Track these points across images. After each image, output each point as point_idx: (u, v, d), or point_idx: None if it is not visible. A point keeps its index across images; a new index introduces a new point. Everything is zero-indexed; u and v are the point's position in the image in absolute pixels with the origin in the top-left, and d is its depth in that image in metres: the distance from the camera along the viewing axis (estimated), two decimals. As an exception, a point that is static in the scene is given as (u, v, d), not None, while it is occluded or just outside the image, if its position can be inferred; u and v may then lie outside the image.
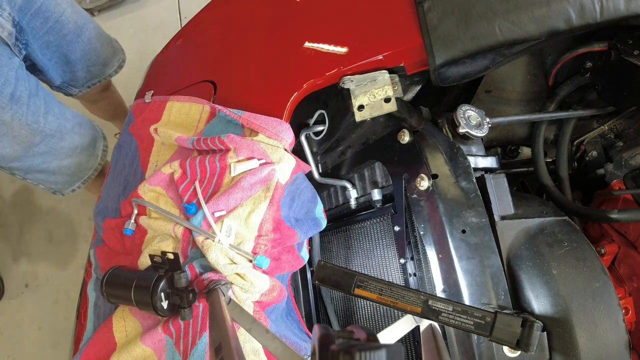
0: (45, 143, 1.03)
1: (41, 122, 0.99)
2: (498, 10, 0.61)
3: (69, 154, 1.12)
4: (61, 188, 1.22)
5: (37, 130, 0.99)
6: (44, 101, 1.01)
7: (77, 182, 1.22)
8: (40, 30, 1.02)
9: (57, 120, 1.04)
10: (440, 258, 0.58)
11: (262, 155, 0.66)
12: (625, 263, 0.74)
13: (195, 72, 0.86)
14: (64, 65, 1.14)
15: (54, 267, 1.87)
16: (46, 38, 1.04)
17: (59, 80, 1.17)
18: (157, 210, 0.69)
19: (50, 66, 1.11)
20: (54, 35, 1.05)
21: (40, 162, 1.07)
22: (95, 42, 1.17)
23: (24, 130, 0.97)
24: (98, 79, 1.26)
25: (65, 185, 1.21)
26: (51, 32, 1.04)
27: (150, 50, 1.91)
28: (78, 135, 1.12)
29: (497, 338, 0.47)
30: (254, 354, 0.59)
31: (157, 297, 0.56)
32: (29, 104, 0.95)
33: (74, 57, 1.13)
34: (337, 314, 0.87)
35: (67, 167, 1.14)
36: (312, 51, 0.71)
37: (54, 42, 1.06)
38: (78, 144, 1.13)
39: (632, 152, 0.74)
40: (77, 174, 1.19)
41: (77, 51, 1.13)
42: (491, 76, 0.82)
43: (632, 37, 0.65)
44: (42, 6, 1.00)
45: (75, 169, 1.17)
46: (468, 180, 0.59)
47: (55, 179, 1.17)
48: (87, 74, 1.21)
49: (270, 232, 0.64)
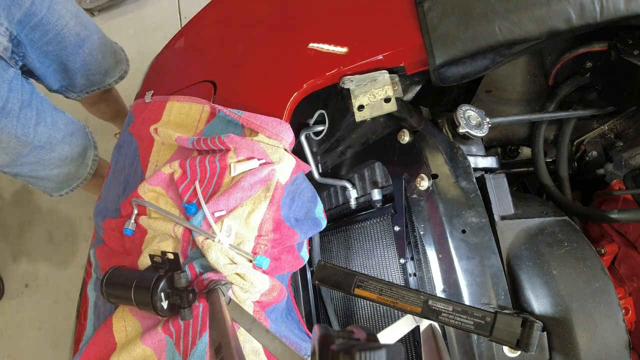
0: (34, 154, 1.03)
1: (31, 134, 0.98)
2: (498, 10, 0.61)
3: (58, 164, 1.11)
4: (50, 192, 1.22)
5: (26, 143, 0.98)
6: (35, 112, 1.00)
7: (65, 189, 1.22)
8: (39, 42, 1.01)
9: (48, 131, 1.03)
10: (440, 258, 0.58)
11: (262, 155, 0.66)
12: (625, 263, 0.74)
13: (195, 72, 0.86)
14: (62, 73, 1.13)
15: (54, 267, 1.87)
16: (45, 48, 1.03)
17: (57, 85, 1.17)
18: (157, 210, 0.69)
19: (48, 73, 1.10)
20: (53, 46, 1.04)
21: (28, 171, 1.07)
22: (97, 54, 1.16)
23: (13, 143, 0.96)
24: (97, 86, 1.25)
25: (53, 190, 1.22)
26: (50, 43, 1.03)
27: (150, 50, 1.91)
28: (68, 146, 1.11)
29: (497, 338, 0.47)
30: (254, 354, 0.59)
31: (157, 297, 0.56)
32: (20, 117, 0.95)
33: (73, 67, 1.12)
34: (337, 314, 0.87)
35: (56, 175, 1.14)
36: (312, 51, 0.71)
37: (52, 52, 1.06)
38: (68, 154, 1.12)
39: (632, 152, 0.74)
40: (66, 182, 1.20)
41: (77, 61, 1.12)
42: (491, 76, 0.82)
43: (632, 37, 0.65)
44: (43, 19, 0.98)
45: (64, 178, 1.17)
46: (468, 180, 0.59)
47: (43, 184, 1.17)
48: (86, 82, 1.21)
49: (270, 232, 0.64)
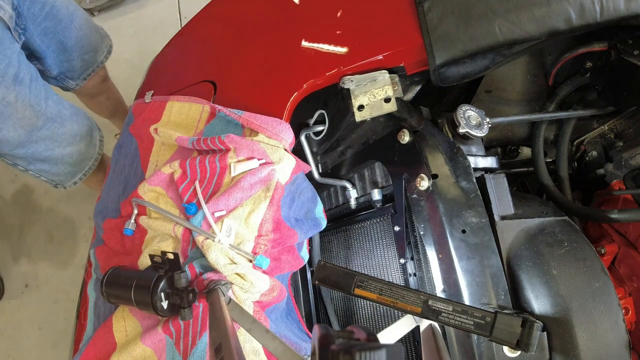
0: (47, 127, 1.05)
1: (43, 104, 1.02)
2: (498, 10, 0.61)
3: (70, 141, 1.14)
4: (63, 180, 1.23)
5: (40, 113, 1.01)
6: (43, 87, 1.03)
7: (78, 173, 1.24)
8: (39, 16, 1.05)
9: (56, 105, 1.07)
10: (440, 258, 0.58)
11: (262, 155, 0.66)
12: (625, 263, 0.74)
13: (195, 72, 0.86)
14: (61, 53, 1.17)
15: (54, 267, 1.87)
16: (44, 24, 1.07)
17: (57, 70, 1.20)
18: (157, 210, 0.69)
19: (48, 53, 1.13)
20: (51, 21, 1.08)
21: (43, 149, 1.09)
22: (85, 29, 1.20)
23: (28, 112, 0.99)
24: (92, 67, 1.29)
25: (67, 177, 1.23)
26: (48, 17, 1.07)
27: (150, 50, 1.91)
28: (76, 123, 1.14)
29: (497, 338, 0.47)
30: (254, 354, 0.59)
31: (157, 297, 0.56)
32: (31, 87, 0.98)
33: (69, 44, 1.16)
34: (337, 314, 0.87)
35: (69, 155, 1.16)
36: (312, 51, 0.71)
37: (51, 28, 1.09)
38: (77, 131, 1.15)
39: (632, 152, 0.74)
40: (79, 164, 1.21)
41: (72, 37, 1.16)
42: (491, 76, 0.82)
43: (632, 37, 0.65)
44: None
45: (76, 158, 1.19)
46: (468, 180, 0.59)
47: (57, 169, 1.18)
48: (82, 63, 1.24)
49: (270, 232, 0.64)
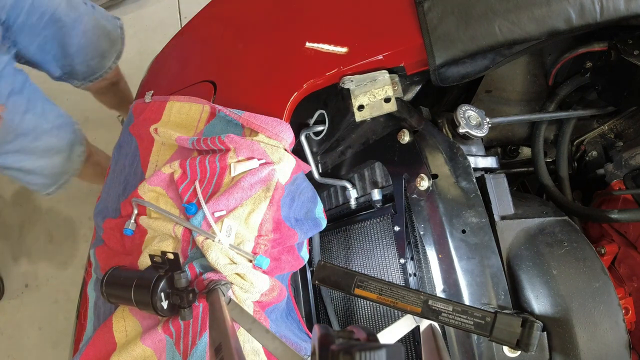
0: (18, 141, 1.04)
1: (17, 120, 1.00)
2: (498, 10, 0.61)
3: (43, 154, 1.12)
4: (37, 189, 1.22)
5: (11, 128, 1.00)
6: (26, 100, 1.01)
7: (52, 185, 1.22)
8: (38, 26, 1.04)
9: (36, 119, 1.05)
10: (440, 258, 0.58)
11: (262, 155, 0.66)
12: (625, 263, 0.74)
13: (195, 72, 0.85)
14: (63, 58, 1.15)
15: (54, 267, 1.87)
16: (45, 32, 1.06)
17: (59, 73, 1.19)
18: (157, 210, 0.69)
19: (48, 60, 1.13)
20: (51, 29, 1.07)
21: (13, 161, 1.08)
22: (91, 35, 1.17)
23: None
24: (98, 73, 1.26)
25: (41, 187, 1.21)
26: (49, 25, 1.06)
27: (150, 50, 1.90)
28: (55, 137, 1.12)
29: (497, 338, 0.47)
30: (254, 354, 0.59)
31: (157, 297, 0.56)
32: (7, 104, 0.96)
33: (71, 50, 1.14)
34: (337, 314, 0.87)
35: (41, 167, 1.15)
36: (312, 51, 0.71)
37: (51, 36, 1.08)
38: (54, 145, 1.13)
39: (632, 152, 0.74)
40: (53, 176, 1.19)
41: (74, 44, 1.14)
42: (491, 76, 0.82)
43: (632, 37, 0.65)
44: (35, 2, 1.01)
45: (50, 171, 1.17)
46: (468, 180, 0.59)
47: (30, 179, 1.17)
48: (86, 69, 1.22)
49: (270, 232, 0.64)
